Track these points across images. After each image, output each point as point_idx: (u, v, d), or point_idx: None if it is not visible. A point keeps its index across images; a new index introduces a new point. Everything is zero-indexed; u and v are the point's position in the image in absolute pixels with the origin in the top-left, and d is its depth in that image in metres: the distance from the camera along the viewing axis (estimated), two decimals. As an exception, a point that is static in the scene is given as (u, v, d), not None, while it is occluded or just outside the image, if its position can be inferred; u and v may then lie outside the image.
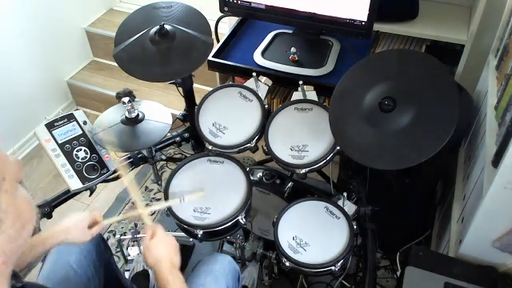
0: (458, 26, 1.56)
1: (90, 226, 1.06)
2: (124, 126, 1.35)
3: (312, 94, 1.33)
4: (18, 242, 0.64)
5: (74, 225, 1.03)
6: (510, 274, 1.07)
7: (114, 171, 1.33)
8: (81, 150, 1.28)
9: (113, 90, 2.23)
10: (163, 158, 1.57)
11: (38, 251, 0.99)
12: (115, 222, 1.20)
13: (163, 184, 1.30)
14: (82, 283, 1.10)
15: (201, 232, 1.18)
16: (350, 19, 1.44)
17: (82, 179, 1.26)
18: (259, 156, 1.84)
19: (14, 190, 0.62)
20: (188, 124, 1.67)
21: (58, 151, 1.26)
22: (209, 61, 1.61)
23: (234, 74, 1.84)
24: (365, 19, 1.41)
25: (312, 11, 1.48)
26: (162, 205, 1.20)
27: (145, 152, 1.49)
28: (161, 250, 0.99)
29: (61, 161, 1.25)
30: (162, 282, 0.94)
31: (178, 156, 2.16)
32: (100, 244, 1.20)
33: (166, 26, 1.36)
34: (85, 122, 1.33)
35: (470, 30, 1.50)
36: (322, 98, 1.49)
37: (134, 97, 1.38)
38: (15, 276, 0.71)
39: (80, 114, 1.33)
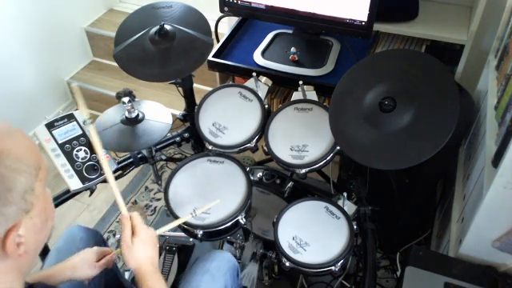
0: (458, 26, 1.56)
1: (99, 260, 1.03)
2: (124, 125, 1.34)
3: (312, 94, 1.33)
4: (41, 235, 0.69)
5: (80, 261, 1.01)
6: (510, 273, 1.07)
7: (114, 171, 1.33)
8: (81, 149, 1.28)
9: (113, 90, 2.23)
10: (163, 158, 1.57)
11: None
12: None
13: (163, 184, 1.30)
14: (82, 283, 1.10)
15: (201, 232, 1.18)
16: (350, 19, 1.44)
17: (82, 179, 1.26)
18: (259, 156, 1.84)
19: (44, 183, 0.68)
20: (188, 124, 1.67)
21: (58, 151, 1.26)
22: (209, 61, 1.61)
23: (233, 74, 1.84)
24: (365, 19, 1.41)
25: (312, 11, 1.48)
26: (175, 223, 1.13)
27: (145, 152, 1.49)
28: (143, 252, 0.94)
29: (61, 161, 1.25)
30: (145, 285, 0.91)
31: (178, 156, 2.16)
32: (100, 244, 1.20)
33: (166, 26, 1.36)
34: (85, 122, 1.33)
35: (469, 30, 1.50)
36: (322, 98, 1.49)
37: (134, 97, 1.38)
38: None
39: (80, 114, 1.33)
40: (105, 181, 1.33)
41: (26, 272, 0.68)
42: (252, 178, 1.36)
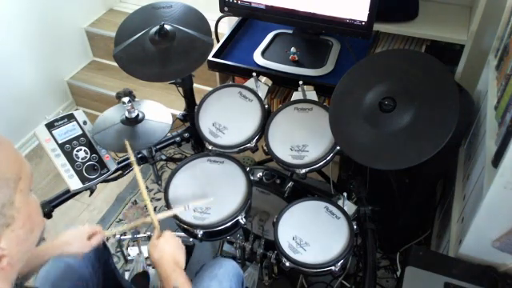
0: (458, 26, 1.56)
1: (90, 238, 1.07)
2: (124, 125, 1.34)
3: (312, 94, 1.33)
4: (25, 245, 0.66)
5: (73, 237, 1.04)
6: (510, 273, 1.07)
7: (114, 171, 1.33)
8: (81, 150, 1.28)
9: (113, 90, 2.23)
10: (163, 158, 1.56)
11: (36, 263, 0.98)
12: (116, 233, 1.20)
13: (163, 184, 1.30)
14: (81, 284, 1.10)
15: (201, 232, 1.18)
16: (350, 19, 1.44)
17: (82, 179, 1.26)
18: (259, 156, 1.84)
19: (27, 191, 0.65)
20: (188, 124, 1.67)
21: (58, 151, 1.26)
22: (209, 61, 1.61)
23: (233, 74, 1.84)
24: (365, 19, 1.41)
25: (312, 11, 1.48)
26: (167, 213, 1.18)
27: (145, 152, 1.49)
28: (166, 247, 1.01)
29: (61, 161, 1.25)
30: (165, 278, 0.95)
31: (178, 156, 2.16)
32: (99, 245, 1.20)
33: (166, 26, 1.36)
34: (85, 122, 1.33)
35: (469, 30, 1.50)
36: (322, 98, 1.49)
37: (134, 97, 1.38)
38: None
39: (80, 114, 1.33)
40: (105, 181, 1.33)
41: (13, 277, 0.66)
42: (252, 178, 1.36)
